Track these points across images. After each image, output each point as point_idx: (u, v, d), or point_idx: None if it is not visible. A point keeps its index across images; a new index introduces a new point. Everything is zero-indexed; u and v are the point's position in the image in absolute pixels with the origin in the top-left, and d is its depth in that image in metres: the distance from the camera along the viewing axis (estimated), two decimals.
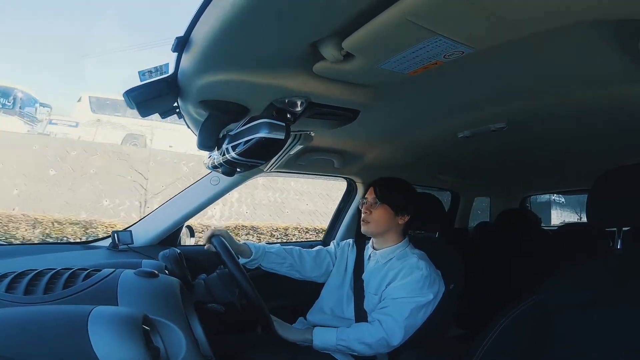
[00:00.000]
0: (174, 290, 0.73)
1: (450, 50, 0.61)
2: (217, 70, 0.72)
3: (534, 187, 2.61)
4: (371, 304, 1.18)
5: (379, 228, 1.21)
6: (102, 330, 0.52)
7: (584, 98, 0.88)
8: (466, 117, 1.07)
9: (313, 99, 0.85)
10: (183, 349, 0.61)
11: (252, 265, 1.25)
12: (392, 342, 1.06)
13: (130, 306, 0.62)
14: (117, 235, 1.30)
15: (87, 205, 6.98)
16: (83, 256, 1.27)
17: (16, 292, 0.62)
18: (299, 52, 0.67)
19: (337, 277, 1.31)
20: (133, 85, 0.77)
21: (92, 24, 45.69)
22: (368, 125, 1.12)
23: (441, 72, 0.70)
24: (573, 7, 0.51)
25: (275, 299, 1.35)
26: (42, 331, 0.51)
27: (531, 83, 0.84)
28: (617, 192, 0.75)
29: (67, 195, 7.04)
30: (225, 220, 7.29)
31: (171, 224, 1.41)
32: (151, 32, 58.07)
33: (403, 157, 1.52)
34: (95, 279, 0.68)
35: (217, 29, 0.58)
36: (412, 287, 1.10)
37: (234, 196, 7.77)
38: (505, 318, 0.79)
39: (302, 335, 1.13)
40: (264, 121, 0.78)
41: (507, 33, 0.56)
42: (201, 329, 0.81)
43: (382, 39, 0.58)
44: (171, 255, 1.00)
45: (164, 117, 0.96)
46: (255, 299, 0.99)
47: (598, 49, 0.67)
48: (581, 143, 1.29)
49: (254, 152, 0.81)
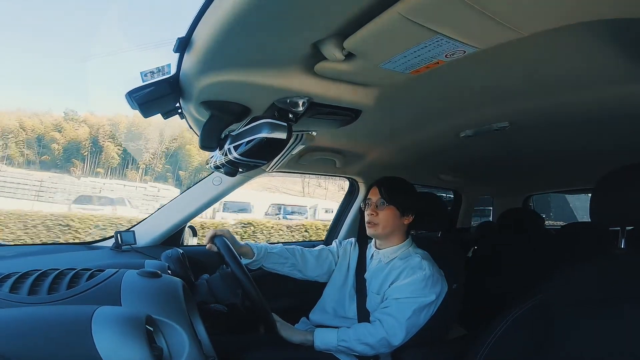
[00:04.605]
0: (176, 290, 0.73)
1: (451, 49, 0.61)
2: (218, 70, 0.72)
3: (537, 186, 2.60)
4: (373, 303, 1.18)
5: (386, 230, 1.20)
6: (106, 330, 0.52)
7: (587, 97, 0.88)
8: (468, 116, 1.07)
9: (315, 99, 0.85)
10: (186, 349, 0.61)
11: (254, 266, 1.25)
12: (393, 342, 1.06)
13: (134, 306, 0.63)
14: (120, 235, 1.31)
15: None
16: (86, 256, 1.27)
17: (20, 293, 0.62)
18: (301, 52, 0.67)
19: (340, 277, 1.31)
20: (135, 86, 0.77)
21: (93, 25, 45.99)
22: (370, 125, 1.12)
23: (443, 71, 0.70)
24: (574, 7, 0.51)
25: (277, 299, 1.35)
26: (46, 331, 0.52)
27: (533, 82, 0.84)
28: (621, 191, 0.75)
29: None
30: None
31: (174, 225, 1.42)
32: (152, 33, 58.35)
33: (405, 157, 1.51)
34: (98, 279, 0.68)
35: (218, 29, 0.58)
36: (414, 287, 1.10)
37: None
38: (507, 318, 0.79)
39: (304, 336, 1.13)
40: (265, 121, 0.78)
41: (508, 32, 0.56)
42: (204, 329, 0.82)
43: (383, 38, 0.58)
44: (174, 256, 1.01)
45: (166, 117, 0.96)
46: (257, 300, 1.00)
47: (600, 48, 0.67)
48: (584, 142, 1.29)
49: (255, 152, 0.81)
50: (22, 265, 0.94)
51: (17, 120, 32.45)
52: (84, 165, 32.24)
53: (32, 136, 34.08)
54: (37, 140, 34.65)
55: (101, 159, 37.33)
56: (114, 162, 38.21)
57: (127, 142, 40.06)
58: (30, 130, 33.73)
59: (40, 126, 34.63)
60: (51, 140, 33.66)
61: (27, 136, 33.34)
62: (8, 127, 31.60)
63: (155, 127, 37.99)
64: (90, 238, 4.36)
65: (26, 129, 33.43)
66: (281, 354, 1.11)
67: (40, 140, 34.85)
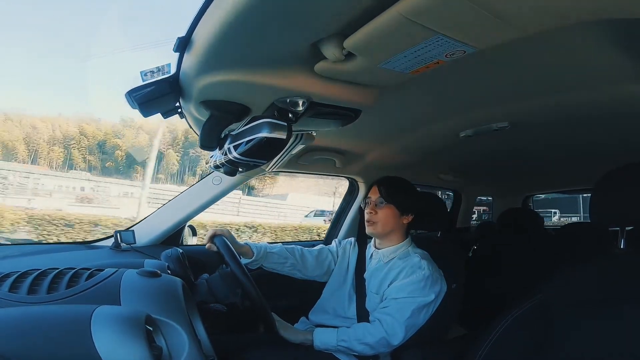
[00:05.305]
0: (176, 290, 0.73)
1: (451, 49, 0.61)
2: (218, 70, 0.72)
3: (536, 186, 2.60)
4: (373, 303, 1.18)
5: (385, 228, 1.20)
6: (105, 329, 0.52)
7: (586, 97, 0.88)
8: (468, 116, 1.07)
9: (314, 99, 0.85)
10: (185, 349, 0.61)
11: (254, 266, 1.25)
12: (392, 341, 1.06)
13: (133, 306, 0.63)
14: (119, 235, 1.31)
15: None
16: (86, 256, 1.27)
17: (19, 292, 0.62)
18: (300, 52, 0.67)
19: (339, 276, 1.31)
20: (135, 85, 0.77)
21: (94, 25, 46.02)
22: (369, 125, 1.12)
23: (443, 71, 0.70)
24: (574, 7, 0.51)
25: (277, 299, 1.35)
26: (45, 331, 0.52)
27: (533, 82, 0.84)
28: (620, 191, 0.75)
29: None
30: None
31: (174, 224, 1.42)
32: (152, 33, 58.21)
33: (405, 157, 1.52)
34: (98, 279, 0.68)
35: (218, 29, 0.58)
36: (413, 287, 1.10)
37: None
38: (507, 318, 0.79)
39: (303, 335, 1.13)
40: (265, 121, 0.78)
41: (508, 32, 0.56)
42: (203, 328, 0.81)
43: (383, 38, 0.58)
44: (173, 255, 1.01)
45: (166, 117, 0.96)
46: (257, 299, 1.00)
47: (600, 48, 0.67)
48: (584, 142, 1.29)
49: (255, 151, 0.81)
50: (22, 264, 0.95)
51: (77, 127, 32.50)
52: (144, 171, 32.36)
53: (92, 143, 34.16)
54: (99, 146, 34.75)
55: (162, 166, 37.58)
56: (174, 168, 38.64)
57: (187, 148, 40.14)
58: (91, 137, 33.82)
59: (99, 132, 34.73)
60: (114, 146, 33.70)
61: (88, 143, 33.41)
62: (69, 133, 31.67)
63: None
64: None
65: (87, 135, 33.53)
66: (281, 353, 1.10)
67: (101, 146, 34.95)
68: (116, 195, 18.28)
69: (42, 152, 28.65)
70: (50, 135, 30.04)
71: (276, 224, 8.95)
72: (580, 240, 1.63)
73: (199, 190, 1.46)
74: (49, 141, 29.59)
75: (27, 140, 28.12)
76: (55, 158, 29.19)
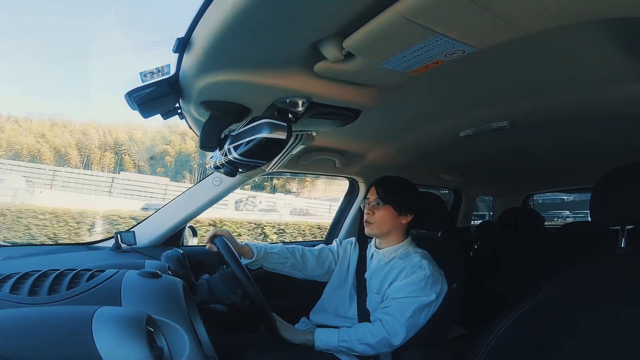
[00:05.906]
0: (177, 290, 0.73)
1: (451, 49, 0.61)
2: (218, 70, 0.72)
3: (537, 185, 2.60)
4: (374, 303, 1.18)
5: (382, 229, 1.20)
6: (106, 330, 0.52)
7: (586, 97, 0.88)
8: (468, 116, 1.07)
9: (314, 99, 0.85)
10: (186, 349, 0.61)
11: (254, 266, 1.25)
12: (393, 342, 1.06)
13: (134, 307, 0.63)
14: (120, 236, 1.31)
15: None
16: (86, 257, 1.27)
17: (20, 293, 0.62)
18: (300, 52, 0.67)
19: (340, 276, 1.31)
20: (135, 86, 0.77)
21: (93, 25, 45.84)
22: (369, 125, 1.12)
23: (442, 71, 0.70)
24: (574, 7, 0.51)
25: (277, 299, 1.35)
26: (47, 332, 0.52)
27: (533, 82, 0.84)
28: (621, 191, 0.75)
29: None
30: None
31: (174, 225, 1.42)
32: (152, 33, 57.92)
33: (405, 157, 1.52)
34: (98, 280, 0.68)
35: (217, 29, 0.58)
36: (414, 287, 1.10)
37: None
38: (507, 317, 0.79)
39: (304, 336, 1.13)
40: (265, 121, 0.78)
41: (508, 32, 0.56)
42: (204, 329, 0.82)
43: (382, 38, 0.58)
44: (174, 256, 1.01)
45: (166, 117, 0.96)
46: (257, 300, 1.00)
47: (600, 48, 0.67)
48: (583, 142, 1.29)
49: (255, 152, 0.81)
50: (23, 265, 0.95)
51: (127, 133, 32.61)
52: (191, 176, 32.33)
53: (142, 148, 34.14)
54: (148, 152, 34.68)
55: (207, 171, 37.16)
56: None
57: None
58: (140, 142, 33.91)
59: (145, 138, 34.81)
60: (164, 153, 33.82)
61: (137, 148, 33.47)
62: (119, 139, 31.84)
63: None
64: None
65: (136, 141, 33.63)
66: (281, 354, 1.11)
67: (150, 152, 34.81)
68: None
69: (94, 157, 28.82)
70: (102, 142, 30.28)
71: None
72: (581, 240, 1.63)
73: (199, 191, 1.46)
74: (100, 147, 29.82)
75: (79, 146, 28.28)
76: (107, 163, 29.35)
